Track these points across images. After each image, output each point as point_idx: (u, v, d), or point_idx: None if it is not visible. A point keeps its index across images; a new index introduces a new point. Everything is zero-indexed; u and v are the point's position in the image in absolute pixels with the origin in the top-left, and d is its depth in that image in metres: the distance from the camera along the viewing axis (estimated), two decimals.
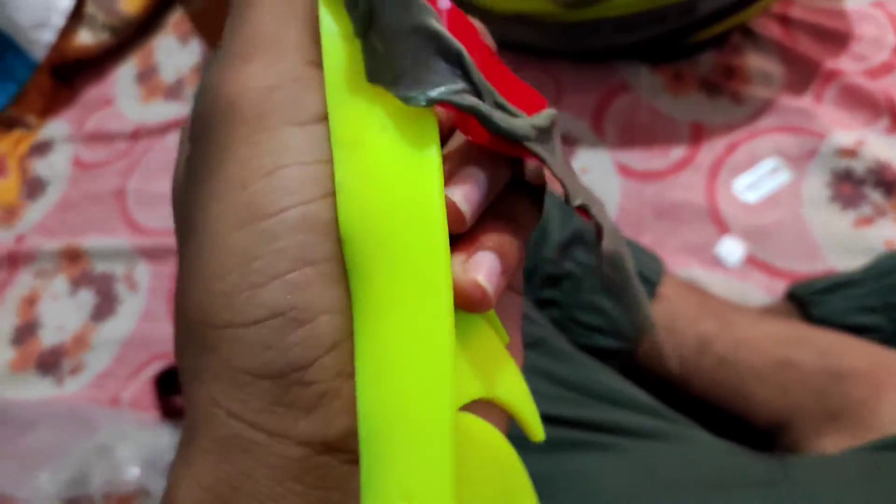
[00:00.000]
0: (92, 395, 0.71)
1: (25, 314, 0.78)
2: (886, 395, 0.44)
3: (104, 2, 0.90)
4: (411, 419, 0.14)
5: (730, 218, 0.63)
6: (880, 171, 0.62)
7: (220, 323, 0.15)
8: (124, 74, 0.95)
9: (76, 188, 0.87)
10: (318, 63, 0.16)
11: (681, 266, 0.61)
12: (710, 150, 0.67)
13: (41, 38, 0.86)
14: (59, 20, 0.86)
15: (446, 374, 0.14)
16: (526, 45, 0.74)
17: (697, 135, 0.68)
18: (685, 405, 0.47)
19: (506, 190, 0.18)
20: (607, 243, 0.18)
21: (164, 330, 0.74)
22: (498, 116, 0.15)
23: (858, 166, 0.62)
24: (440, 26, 0.15)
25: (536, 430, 0.17)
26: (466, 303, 0.15)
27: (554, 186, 0.42)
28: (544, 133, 0.16)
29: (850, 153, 0.63)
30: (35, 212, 0.86)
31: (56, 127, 0.93)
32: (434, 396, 0.14)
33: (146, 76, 0.94)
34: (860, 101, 0.66)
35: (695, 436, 0.42)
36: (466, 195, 0.16)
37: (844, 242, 0.60)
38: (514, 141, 0.16)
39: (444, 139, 0.17)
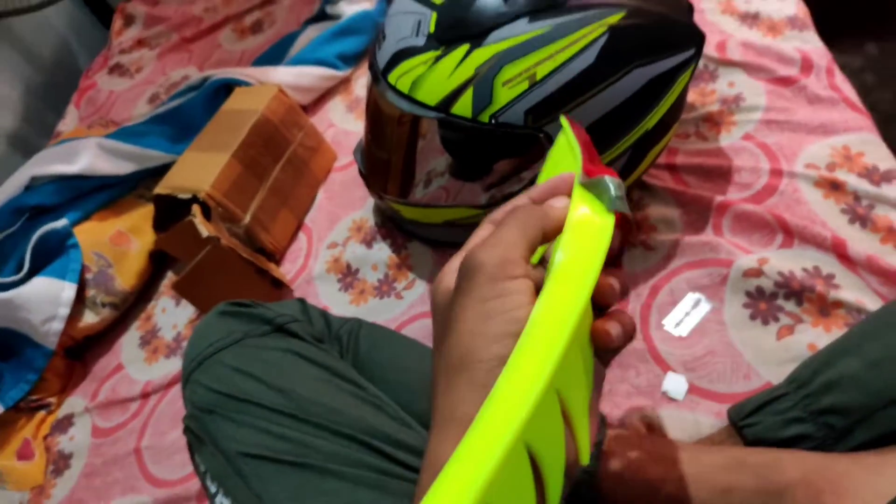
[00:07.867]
0: None
1: None
2: (825, 499, 0.47)
3: (102, 284, 1.02)
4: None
5: (668, 355, 0.68)
6: (786, 283, 0.66)
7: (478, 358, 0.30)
8: (128, 342, 1.05)
9: (97, 455, 0.94)
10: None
11: (636, 409, 0.66)
12: (637, 298, 0.73)
13: (52, 328, 0.97)
14: (64, 311, 0.97)
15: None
16: (459, 244, 0.83)
17: None
18: None
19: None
20: None
21: None
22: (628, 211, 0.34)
23: (766, 283, 0.67)
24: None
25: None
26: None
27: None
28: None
29: (757, 273, 0.68)
30: (62, 487, 0.92)
31: (73, 402, 1.01)
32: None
33: (148, 339, 1.04)
34: (754, 225, 0.73)
35: None
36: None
37: (773, 355, 0.64)
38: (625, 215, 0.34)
39: None
